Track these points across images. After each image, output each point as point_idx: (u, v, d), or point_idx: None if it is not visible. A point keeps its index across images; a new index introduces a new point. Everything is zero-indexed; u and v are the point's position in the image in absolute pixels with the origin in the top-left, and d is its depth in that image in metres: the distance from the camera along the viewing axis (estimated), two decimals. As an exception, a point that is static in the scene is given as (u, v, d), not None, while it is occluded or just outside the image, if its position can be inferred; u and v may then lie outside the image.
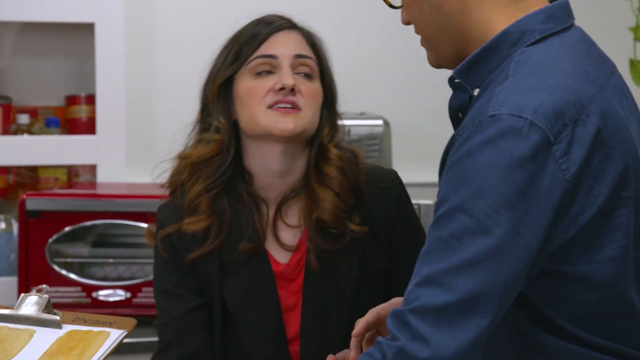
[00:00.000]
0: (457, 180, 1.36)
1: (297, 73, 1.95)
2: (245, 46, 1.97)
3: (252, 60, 1.95)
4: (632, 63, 3.04)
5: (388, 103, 3.32)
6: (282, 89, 1.91)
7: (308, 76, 1.96)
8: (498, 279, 1.33)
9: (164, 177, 2.03)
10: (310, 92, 1.94)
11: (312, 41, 2.00)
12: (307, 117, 1.93)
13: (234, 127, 1.97)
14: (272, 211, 1.98)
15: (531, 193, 1.33)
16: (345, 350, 1.83)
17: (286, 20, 2.00)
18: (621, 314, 1.43)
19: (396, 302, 1.79)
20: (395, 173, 2.02)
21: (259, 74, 1.94)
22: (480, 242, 1.33)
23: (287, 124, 1.90)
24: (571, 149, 1.35)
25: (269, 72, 1.94)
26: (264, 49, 1.95)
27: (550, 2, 1.49)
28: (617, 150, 1.39)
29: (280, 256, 1.96)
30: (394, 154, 3.14)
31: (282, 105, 1.91)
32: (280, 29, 1.98)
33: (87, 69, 3.20)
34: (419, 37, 3.80)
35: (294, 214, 1.98)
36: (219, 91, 1.98)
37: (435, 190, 3.19)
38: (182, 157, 2.01)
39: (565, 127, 1.35)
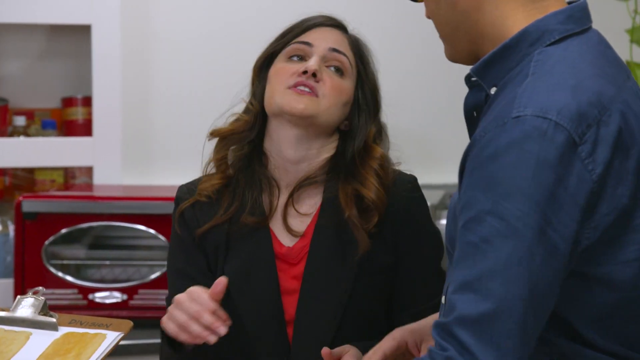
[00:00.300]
0: (484, 183, 1.35)
1: (328, 66, 2.00)
2: (289, 33, 2.05)
3: (289, 44, 2.02)
4: (629, 65, 3.05)
5: (384, 105, 3.32)
6: (304, 72, 1.96)
7: (339, 71, 2.01)
8: (532, 282, 1.33)
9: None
10: (333, 85, 1.99)
11: (356, 45, 2.07)
12: (322, 105, 1.97)
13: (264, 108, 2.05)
14: (283, 195, 2.02)
15: (558, 194, 1.33)
16: (344, 346, 1.87)
17: (335, 21, 2.08)
18: (638, 317, 1.43)
19: (398, 335, 1.80)
20: (413, 179, 2.06)
21: (291, 58, 2.01)
22: (512, 244, 1.33)
23: (298, 103, 1.95)
24: (596, 150, 1.35)
25: (301, 59, 2.01)
26: (303, 37, 2.03)
27: (568, 3, 1.49)
28: (634, 151, 1.40)
29: (285, 239, 2.00)
30: (391, 156, 3.14)
31: (301, 87, 1.97)
32: (325, 25, 2.05)
33: (84, 71, 3.20)
34: (415, 39, 3.81)
35: (305, 202, 2.02)
36: (259, 74, 2.06)
37: (433, 192, 3.18)
38: (212, 133, 2.08)
39: (589, 128, 1.36)
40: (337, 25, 2.07)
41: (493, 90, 1.46)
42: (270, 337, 1.96)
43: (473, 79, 1.50)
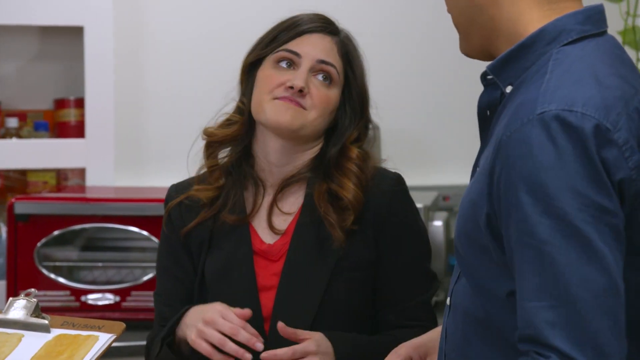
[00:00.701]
0: (526, 185, 1.34)
1: (316, 75, 2.01)
2: (280, 34, 2.04)
3: (279, 51, 2.02)
4: (621, 67, 3.05)
5: (377, 106, 3.32)
6: (292, 87, 1.97)
7: (326, 79, 2.02)
8: (608, 272, 1.32)
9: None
10: (320, 97, 2.00)
11: (345, 50, 2.06)
12: (308, 117, 1.99)
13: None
14: (268, 194, 2.05)
15: (603, 182, 1.33)
16: (310, 332, 1.91)
17: (327, 24, 2.07)
18: None
19: (403, 351, 1.80)
20: (396, 175, 2.07)
21: (279, 65, 2.02)
22: (576, 242, 1.32)
23: (284, 115, 1.97)
24: (630, 140, 1.35)
25: (289, 66, 2.01)
26: (293, 45, 2.02)
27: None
28: None
29: (267, 237, 2.03)
30: (384, 157, 3.14)
31: (287, 100, 1.98)
32: (316, 30, 2.05)
33: (76, 72, 3.19)
34: (408, 41, 3.80)
35: (288, 200, 2.04)
36: (248, 71, 2.07)
37: (426, 193, 3.17)
38: (207, 134, 2.09)
39: (620, 117, 1.35)
40: (327, 29, 2.06)
41: (509, 89, 1.46)
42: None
43: (489, 77, 1.50)
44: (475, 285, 1.48)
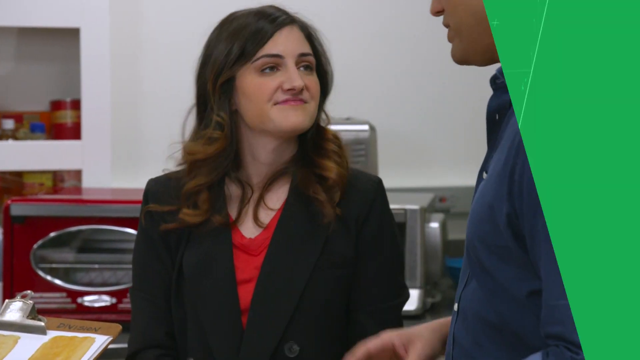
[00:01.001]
0: None
1: (299, 68, 2.01)
2: (249, 42, 2.02)
3: (258, 59, 2.00)
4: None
5: (374, 108, 3.32)
6: (291, 89, 1.98)
7: (308, 69, 2.03)
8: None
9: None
10: (314, 86, 2.02)
11: (308, 34, 2.07)
12: (312, 109, 2.01)
13: (233, 118, 2.04)
14: (255, 193, 2.05)
15: None
16: None
17: (287, 15, 2.05)
18: None
19: (386, 336, 1.79)
20: (377, 179, 2.09)
21: (264, 72, 2.00)
22: None
23: (296, 117, 1.98)
24: None
25: (273, 69, 2.00)
26: (269, 48, 2.01)
27: None
28: None
29: (248, 231, 2.03)
30: (380, 159, 3.14)
31: (291, 102, 1.99)
32: (283, 25, 2.03)
33: (73, 74, 3.19)
34: (404, 42, 3.79)
35: (273, 196, 2.05)
36: (223, 86, 2.04)
37: (422, 195, 3.16)
38: (188, 152, 2.06)
39: None
40: (291, 21, 2.05)
41: None
42: (224, 325, 1.98)
43: (499, 80, 1.50)
44: (489, 289, 1.48)
